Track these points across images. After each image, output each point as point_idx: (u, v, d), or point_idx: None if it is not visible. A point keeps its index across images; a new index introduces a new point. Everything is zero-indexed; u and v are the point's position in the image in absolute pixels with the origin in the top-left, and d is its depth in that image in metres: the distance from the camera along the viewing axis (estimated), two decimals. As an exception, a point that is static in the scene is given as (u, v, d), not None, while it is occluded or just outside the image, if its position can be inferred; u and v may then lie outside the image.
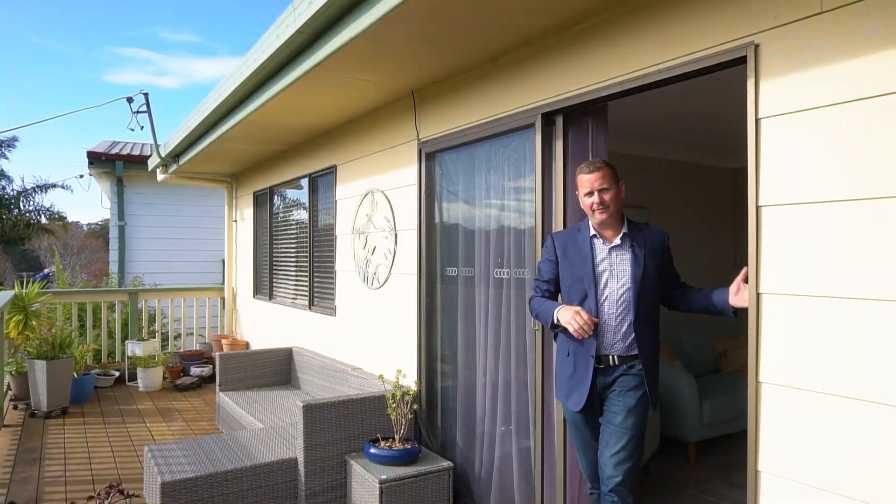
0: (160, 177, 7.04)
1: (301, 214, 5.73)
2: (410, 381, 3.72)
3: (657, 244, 2.52)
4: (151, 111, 6.24)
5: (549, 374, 2.89)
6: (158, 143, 6.45)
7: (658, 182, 5.62)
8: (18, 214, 16.45)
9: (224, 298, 7.74)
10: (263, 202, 6.59)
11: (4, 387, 5.62)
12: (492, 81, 3.15)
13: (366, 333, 4.42)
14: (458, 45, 2.96)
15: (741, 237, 2.17)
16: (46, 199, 20.76)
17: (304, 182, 5.50)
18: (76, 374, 5.81)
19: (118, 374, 6.68)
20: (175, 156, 6.34)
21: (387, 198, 4.11)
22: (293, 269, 5.86)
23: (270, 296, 6.35)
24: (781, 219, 1.93)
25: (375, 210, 4.26)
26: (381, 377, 3.58)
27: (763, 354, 1.98)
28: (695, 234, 5.94)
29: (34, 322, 5.86)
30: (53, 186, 17.02)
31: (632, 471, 2.41)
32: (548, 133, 2.86)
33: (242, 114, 4.23)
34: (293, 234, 5.90)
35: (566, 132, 2.81)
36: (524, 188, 3.06)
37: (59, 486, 3.81)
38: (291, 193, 6.13)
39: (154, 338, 7.09)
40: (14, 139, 17.04)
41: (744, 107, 2.03)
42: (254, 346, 6.79)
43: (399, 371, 3.56)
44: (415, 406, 3.50)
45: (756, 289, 2.00)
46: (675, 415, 4.31)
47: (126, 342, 6.78)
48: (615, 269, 2.46)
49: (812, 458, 1.85)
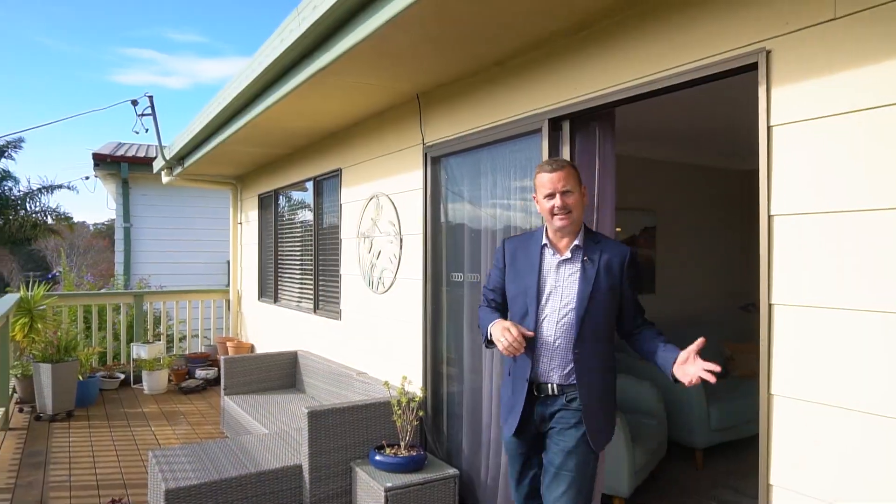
0: (165, 179, 7.04)
1: (306, 217, 5.72)
2: (416, 388, 3.70)
3: (615, 262, 2.19)
4: (156, 114, 6.24)
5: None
6: (163, 146, 6.44)
7: (666, 185, 5.59)
8: (25, 215, 16.51)
9: (229, 300, 7.73)
10: (268, 205, 6.58)
11: (10, 390, 5.62)
12: (499, 85, 3.12)
13: (371, 338, 4.40)
14: (464, 49, 2.94)
15: (750, 240, 2.13)
16: (52, 200, 20.83)
17: (309, 185, 5.48)
18: (81, 377, 5.81)
19: (123, 377, 6.68)
20: (180, 158, 6.34)
21: (392, 202, 4.09)
22: (298, 272, 5.85)
23: (276, 298, 6.34)
24: (794, 228, 1.89)
25: (381, 214, 4.23)
26: (387, 383, 3.56)
27: (775, 366, 1.94)
28: (703, 237, 5.91)
29: (40, 325, 5.87)
30: (59, 187, 17.07)
31: None
32: (554, 138, 2.82)
33: (247, 117, 4.21)
34: (298, 237, 5.88)
35: (573, 137, 2.78)
36: (530, 193, 3.02)
37: (64, 492, 3.80)
38: (296, 196, 6.12)
39: (159, 340, 7.09)
40: (20, 140, 17.10)
41: (755, 113, 1.99)
42: (259, 349, 6.79)
43: (405, 377, 3.54)
44: (420, 412, 3.48)
45: (768, 299, 1.96)
46: (682, 420, 4.27)
47: (131, 344, 6.78)
48: (560, 285, 2.20)
49: (824, 473, 1.81)
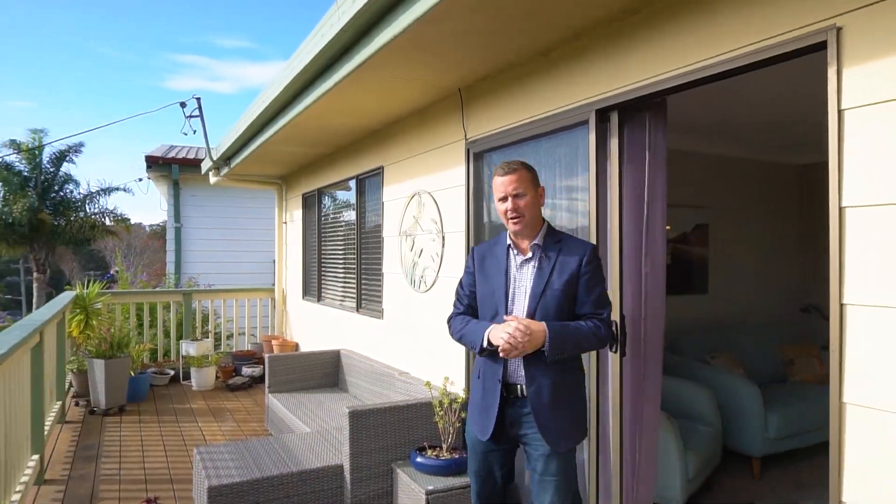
0: (213, 179, 7.16)
1: (349, 216, 5.71)
2: (458, 388, 3.62)
3: (572, 258, 2.19)
4: (203, 115, 6.34)
5: (605, 383, 2.74)
6: (211, 147, 6.55)
7: (719, 181, 5.35)
8: (84, 217, 17.19)
9: (274, 299, 7.83)
10: (312, 204, 6.62)
11: (66, 384, 5.81)
12: (543, 77, 3.01)
13: (413, 337, 4.34)
14: (507, 40, 2.84)
15: (809, 238, 1.97)
16: (110, 202, 21.65)
17: (352, 184, 5.47)
18: (133, 373, 5.95)
19: (173, 374, 6.83)
20: (226, 158, 6.43)
21: (434, 199, 4.02)
22: (341, 271, 5.85)
23: (319, 297, 6.37)
24: (868, 221, 1.73)
25: (422, 212, 4.17)
26: (429, 384, 3.49)
27: (847, 372, 1.78)
28: (758, 235, 5.64)
29: (94, 321, 6.04)
30: (116, 190, 17.72)
31: None
32: (602, 130, 2.70)
33: (289, 116, 4.22)
34: (341, 236, 5.89)
35: (622, 129, 2.65)
36: (577, 188, 2.91)
37: (114, 485, 3.88)
38: (339, 195, 6.12)
39: (207, 338, 7.22)
40: (80, 145, 17.79)
41: (818, 101, 1.84)
42: (303, 348, 6.83)
43: (446, 378, 3.46)
44: (463, 414, 3.39)
45: (839, 299, 1.80)
46: (738, 426, 4.07)
47: (181, 342, 6.93)
48: (523, 285, 2.24)
49: (906, 490, 1.65)
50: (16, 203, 15.86)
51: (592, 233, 2.72)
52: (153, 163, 9.64)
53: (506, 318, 2.13)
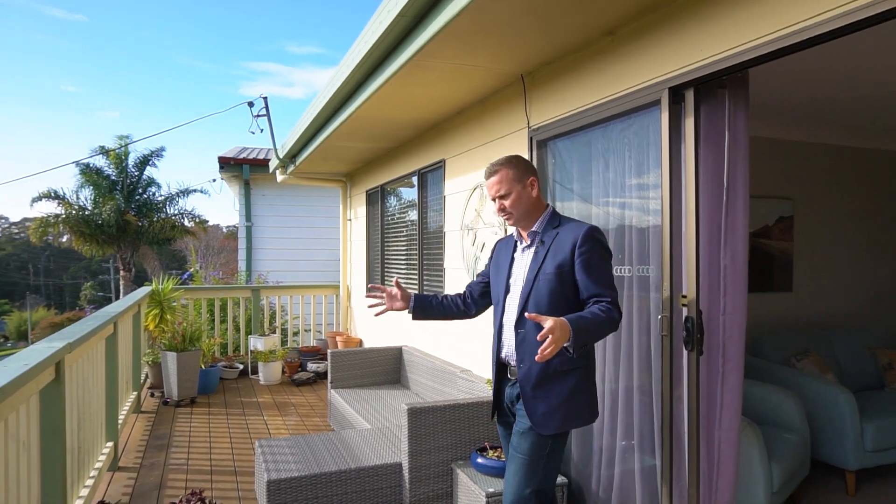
0: (279, 178, 7.29)
1: (411, 211, 5.66)
2: (520, 387, 3.47)
3: (565, 242, 2.18)
4: (270, 114, 6.45)
5: (679, 384, 2.53)
6: (277, 146, 6.66)
7: (806, 170, 4.95)
8: (165, 218, 18.08)
9: (339, 296, 7.89)
10: (375, 200, 6.62)
11: (143, 376, 6.04)
12: (610, 57, 2.83)
13: (474, 335, 4.22)
14: (570, 18, 2.68)
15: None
16: (188, 204, 22.70)
17: (414, 178, 5.41)
18: (203, 366, 6.12)
19: (242, 367, 6.99)
20: (292, 156, 6.52)
21: (496, 191, 3.88)
22: (403, 267, 5.81)
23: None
24: None
25: (484, 205, 4.05)
26: (489, 381, 3.36)
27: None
28: (850, 229, 5.19)
29: (169, 316, 6.26)
30: (193, 191, 18.54)
31: (515, 499, 2.17)
32: (676, 111, 2.50)
33: (349, 110, 4.19)
34: (403, 232, 5.84)
35: (698, 109, 2.43)
36: (648, 175, 2.71)
37: (181, 474, 3.96)
38: (402, 191, 6.09)
39: (274, 333, 7.36)
40: (161, 149, 18.75)
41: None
42: (367, 344, 6.84)
43: (508, 376, 3.32)
44: (525, 414, 3.25)
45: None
46: (830, 436, 3.72)
47: (249, 337, 7.09)
48: (521, 271, 2.31)
49: None
50: (105, 205, 16.88)
51: (666, 222, 2.52)
52: (225, 164, 9.95)
53: (528, 316, 2.05)
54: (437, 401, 3.39)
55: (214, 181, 11.36)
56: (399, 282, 2.59)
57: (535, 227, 2.29)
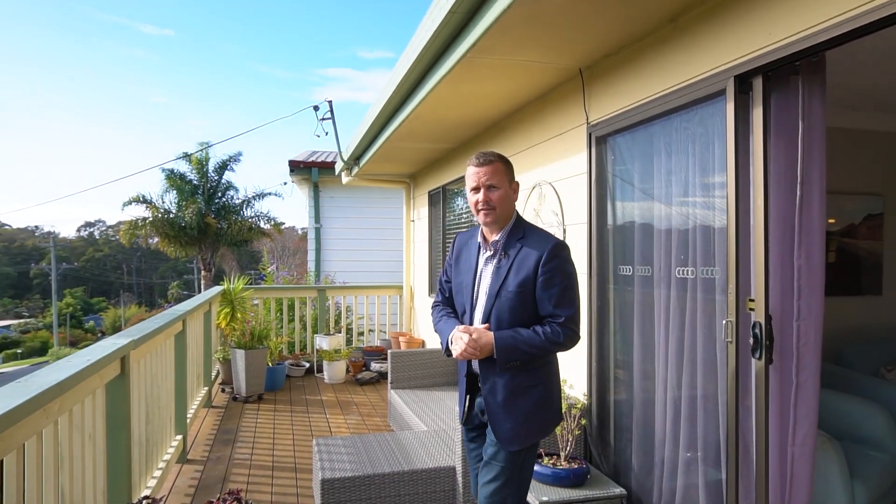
0: (345, 179, 7.41)
1: (471, 211, 5.61)
2: (579, 393, 3.36)
3: (529, 258, 2.12)
4: (335, 117, 6.57)
5: (746, 394, 2.36)
6: (342, 148, 6.78)
7: (898, 163, 4.55)
8: (242, 220, 18.85)
9: (402, 296, 7.94)
10: (437, 201, 6.61)
11: (213, 372, 6.27)
12: (672, 45, 2.68)
13: (533, 337, 4.12)
14: (628, 6, 2.55)
15: None
16: (264, 206, 23.55)
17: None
18: (270, 364, 6.30)
19: (308, 366, 7.15)
20: (356, 158, 6.61)
21: (554, 189, 3.78)
22: (464, 268, 5.76)
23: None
24: None
25: (543, 204, 3.95)
26: (545, 386, 3.26)
27: None
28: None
29: (239, 314, 6.47)
30: (268, 195, 19.26)
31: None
32: (743, 101, 2.33)
33: (407, 110, 4.19)
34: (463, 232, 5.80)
35: (767, 98, 2.26)
36: (712, 170, 2.54)
37: (244, 469, 4.07)
38: (464, 191, 6.05)
39: (340, 333, 7.49)
40: (239, 154, 19.56)
41: None
42: (429, 345, 6.84)
43: (563, 381, 3.21)
44: (583, 421, 3.13)
45: None
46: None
47: (315, 336, 7.24)
48: (484, 282, 2.23)
49: None
50: (187, 209, 17.77)
51: (731, 221, 2.35)
52: (295, 167, 10.23)
53: (457, 330, 2.13)
54: (492, 404, 3.32)
55: (286, 184, 11.75)
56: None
57: (499, 237, 2.22)
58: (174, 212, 18.05)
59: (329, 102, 6.49)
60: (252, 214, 19.25)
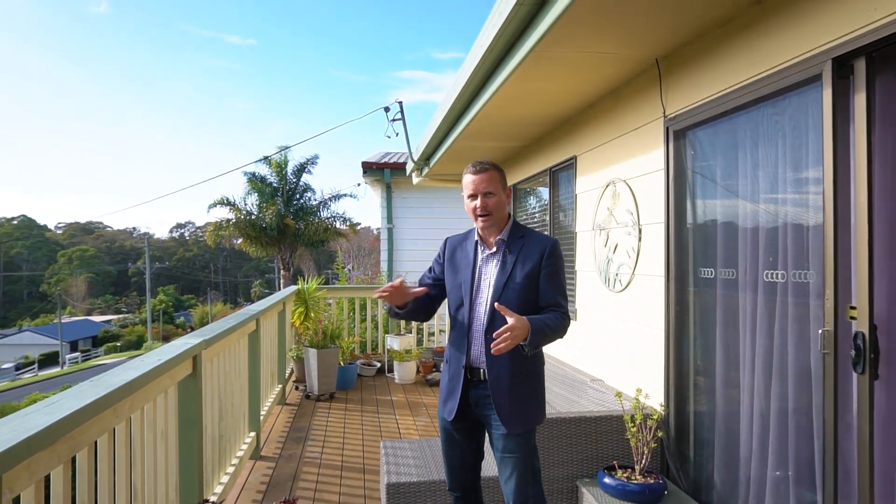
0: (415, 180, 7.42)
1: (542, 211, 5.46)
2: (655, 402, 3.17)
3: (532, 252, 2.32)
4: (405, 118, 6.57)
5: (847, 411, 2.13)
6: (412, 149, 6.78)
7: None
8: (318, 221, 19.38)
9: (474, 297, 7.86)
10: (508, 201, 6.48)
11: (287, 370, 6.42)
12: (758, 29, 2.46)
13: (606, 341, 3.95)
14: (711, -11, 2.36)
15: None
16: (340, 207, 24.07)
17: (545, 177, 5.21)
18: (342, 363, 6.38)
19: (379, 366, 7.20)
20: (426, 158, 6.59)
21: (629, 188, 3.59)
22: (535, 269, 5.62)
23: (514, 296, 6.20)
24: None
25: (617, 203, 3.77)
26: (619, 394, 3.10)
27: None
28: None
29: (312, 314, 6.60)
30: (343, 196, 19.68)
31: (530, 497, 2.30)
32: (841, 87, 2.10)
33: (475, 108, 4.11)
34: (535, 233, 5.66)
35: (871, 82, 2.02)
36: (806, 164, 2.32)
37: (314, 468, 4.11)
38: (532, 190, 5.91)
39: (410, 333, 7.50)
40: (315, 157, 20.13)
41: None
42: (499, 347, 6.73)
43: (639, 390, 3.04)
44: (660, 433, 2.95)
45: None
46: None
47: (386, 336, 7.28)
48: (488, 277, 2.37)
49: None
50: (267, 210, 18.45)
51: (828, 219, 2.13)
52: (368, 168, 10.37)
53: (496, 307, 2.17)
54: (562, 412, 3.19)
55: (359, 185, 11.91)
56: (403, 282, 2.44)
57: (502, 236, 2.38)
58: (255, 213, 18.77)
59: (399, 103, 6.50)
60: (328, 215, 19.77)
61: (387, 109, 6.58)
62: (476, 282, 2.39)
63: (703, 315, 3.01)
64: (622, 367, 3.70)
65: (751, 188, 2.63)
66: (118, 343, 49.33)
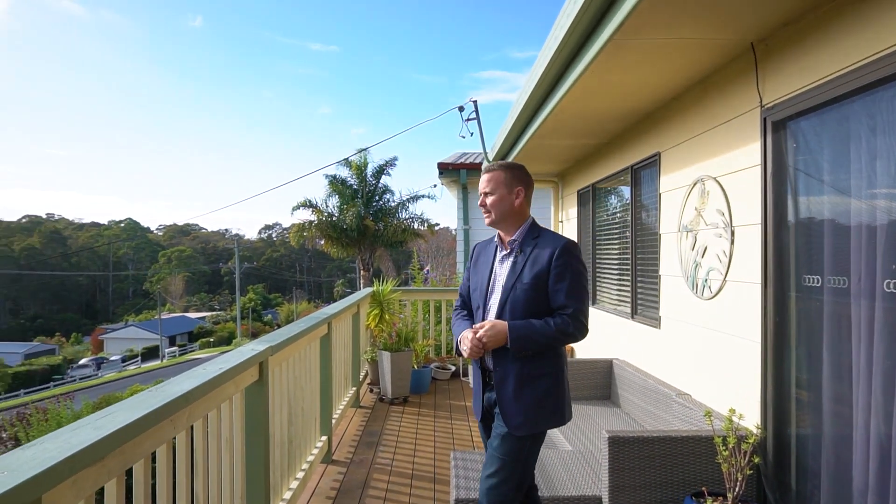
0: (490, 180, 7.25)
1: (623, 211, 5.17)
2: (750, 424, 2.86)
3: (543, 253, 2.32)
4: (480, 118, 6.43)
5: None
6: (487, 148, 6.63)
7: None
8: (397, 222, 19.59)
9: (551, 301, 7.61)
10: (586, 200, 6.21)
11: (362, 373, 6.42)
12: (879, 2, 2.14)
13: (694, 353, 3.64)
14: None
15: None
16: (418, 208, 24.28)
17: (626, 176, 4.92)
18: (416, 366, 6.31)
19: (454, 369, 7.09)
20: (501, 158, 6.42)
21: (720, 185, 3.29)
22: (616, 272, 5.33)
23: (594, 300, 5.93)
24: None
25: (706, 202, 3.46)
26: (708, 413, 2.82)
27: None
28: None
29: (387, 316, 6.58)
30: (421, 197, 19.80)
31: (499, 499, 2.27)
32: None
33: (551, 104, 3.92)
34: (616, 233, 5.36)
35: None
36: (938, 156, 1.98)
37: (384, 475, 4.04)
38: (613, 189, 5.60)
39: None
40: (394, 159, 20.37)
41: None
42: (578, 354, 6.46)
43: (732, 410, 2.75)
44: (756, 459, 2.65)
45: None
46: None
47: (461, 339, 7.16)
48: (500, 278, 2.41)
49: None
50: (348, 212, 18.83)
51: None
52: (444, 169, 10.31)
53: (466, 331, 2.34)
54: (646, 431, 2.94)
55: (435, 186, 11.90)
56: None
57: (516, 237, 2.41)
58: (336, 215, 19.20)
59: (474, 102, 6.38)
60: (407, 216, 19.96)
61: (461, 109, 6.47)
62: (491, 283, 2.43)
63: (809, 328, 2.68)
64: (711, 381, 3.40)
65: (866, 184, 2.30)
66: (211, 339, 52.18)
